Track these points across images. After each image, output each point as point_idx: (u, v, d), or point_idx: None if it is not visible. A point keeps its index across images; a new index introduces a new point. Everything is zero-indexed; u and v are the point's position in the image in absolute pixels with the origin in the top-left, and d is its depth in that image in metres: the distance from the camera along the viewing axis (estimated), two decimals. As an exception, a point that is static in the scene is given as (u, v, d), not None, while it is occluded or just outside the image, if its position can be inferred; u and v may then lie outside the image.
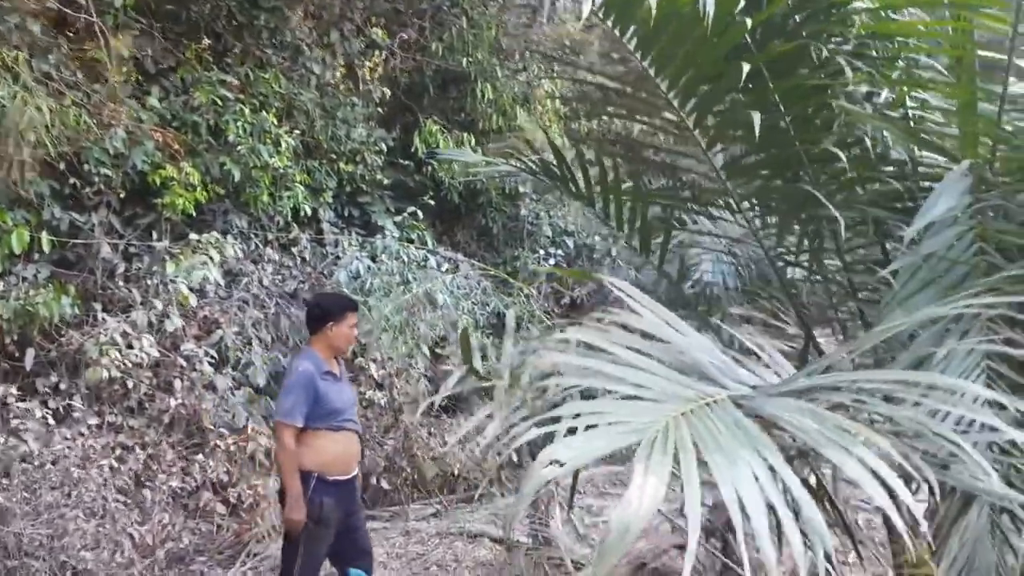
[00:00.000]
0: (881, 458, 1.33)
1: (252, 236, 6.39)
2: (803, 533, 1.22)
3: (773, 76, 2.67)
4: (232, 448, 5.20)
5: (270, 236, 6.66)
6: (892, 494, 1.26)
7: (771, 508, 1.24)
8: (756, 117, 2.11)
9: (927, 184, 2.81)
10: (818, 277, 3.14)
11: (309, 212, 6.70)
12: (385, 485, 6.12)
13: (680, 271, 7.18)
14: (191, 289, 5.33)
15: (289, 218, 6.65)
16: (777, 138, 2.78)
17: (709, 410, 1.42)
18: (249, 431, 5.45)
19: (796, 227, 3.01)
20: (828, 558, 1.22)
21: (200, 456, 5.10)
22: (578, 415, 1.32)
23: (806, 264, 3.14)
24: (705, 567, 4.64)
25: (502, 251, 8.35)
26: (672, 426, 1.31)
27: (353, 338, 4.00)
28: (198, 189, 5.66)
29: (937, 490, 1.51)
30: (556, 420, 1.42)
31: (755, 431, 1.38)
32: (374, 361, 6.42)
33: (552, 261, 8.10)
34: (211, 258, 5.38)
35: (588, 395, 2.15)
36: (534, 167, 3.85)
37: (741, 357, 2.09)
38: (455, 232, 8.36)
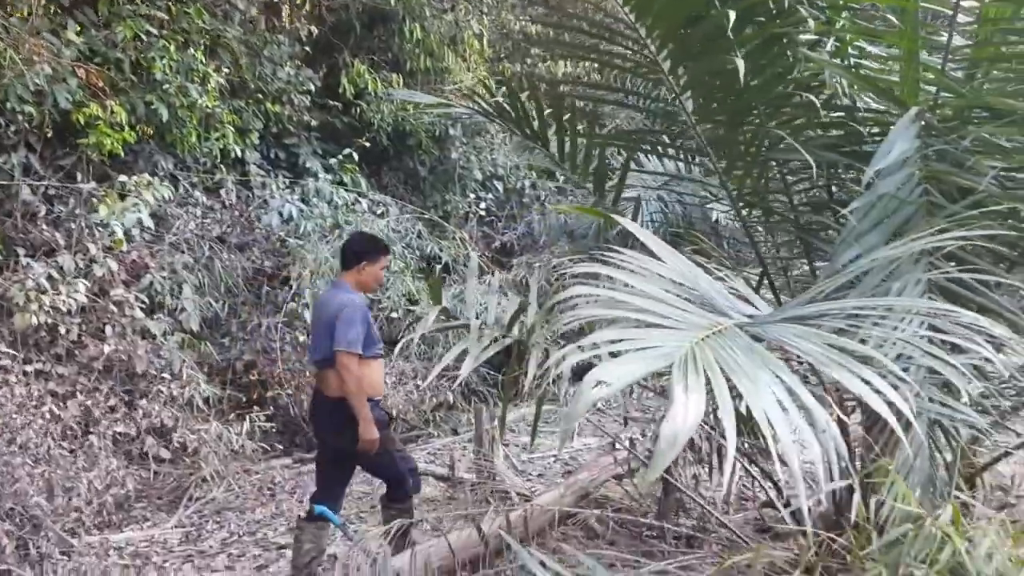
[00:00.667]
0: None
1: (180, 178, 6.21)
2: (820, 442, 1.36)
3: (733, 25, 2.78)
4: (174, 393, 5.13)
5: (195, 179, 6.49)
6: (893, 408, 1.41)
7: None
8: (740, 64, 2.21)
9: (873, 130, 3.00)
10: (772, 217, 3.31)
11: (237, 154, 6.54)
12: (325, 427, 6.14)
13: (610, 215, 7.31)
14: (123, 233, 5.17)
15: (217, 160, 6.49)
16: (736, 84, 2.91)
17: (723, 336, 1.54)
18: (185, 376, 5.39)
19: (754, 170, 3.16)
20: (841, 461, 1.37)
21: (144, 402, 5.02)
22: (611, 342, 1.42)
23: (759, 205, 3.30)
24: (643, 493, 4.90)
25: (430, 195, 8.33)
26: (698, 351, 1.43)
27: (382, 280, 4.10)
28: (125, 129, 5.45)
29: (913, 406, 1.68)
30: (571, 349, 1.51)
31: (766, 354, 1.51)
32: (307, 307, 6.38)
33: (483, 205, 8.14)
34: (144, 201, 5.22)
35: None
36: (489, 109, 3.88)
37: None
38: (382, 175, 8.29)
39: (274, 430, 5.90)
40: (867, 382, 1.45)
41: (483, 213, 8.17)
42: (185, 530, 4.83)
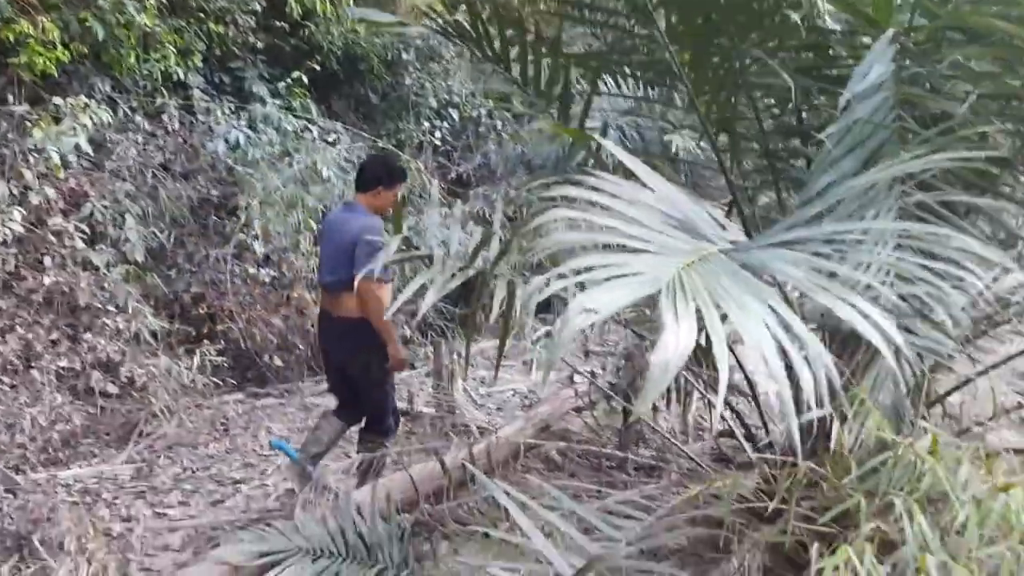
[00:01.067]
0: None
1: (119, 102, 5.90)
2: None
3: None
4: (120, 327, 4.96)
5: (135, 103, 6.18)
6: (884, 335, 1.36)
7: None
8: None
9: (844, 54, 2.92)
10: (741, 144, 3.23)
11: (179, 77, 6.23)
12: (278, 362, 6.03)
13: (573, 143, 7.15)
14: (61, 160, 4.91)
15: (158, 83, 6.18)
16: (709, 2, 2.80)
17: (709, 262, 1.46)
18: (131, 309, 5.20)
19: (723, 95, 3.06)
20: (831, 385, 1.32)
21: (88, 335, 4.84)
22: (590, 268, 1.34)
23: (729, 130, 3.22)
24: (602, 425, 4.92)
25: (382, 123, 8.08)
26: (685, 277, 1.35)
27: (397, 206, 3.98)
28: (58, 48, 5.13)
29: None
30: (561, 276, 1.43)
31: (752, 280, 1.45)
32: (256, 238, 6.18)
33: (438, 134, 7.93)
34: (81, 125, 4.94)
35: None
36: (448, 29, 3.70)
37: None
38: (332, 102, 7.99)
39: (226, 364, 5.77)
40: (856, 308, 1.40)
41: (438, 143, 7.97)
42: (136, 466, 4.72)
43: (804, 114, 3.09)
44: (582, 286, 1.38)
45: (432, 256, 3.04)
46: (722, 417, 4.64)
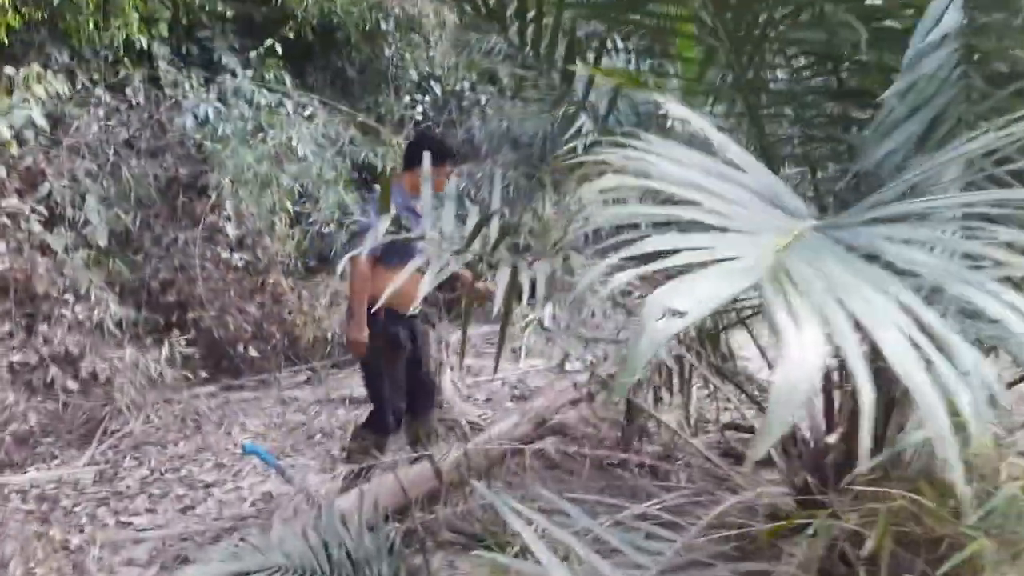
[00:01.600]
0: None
1: (77, 73, 5.47)
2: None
3: None
4: (81, 317, 4.56)
5: (95, 75, 5.75)
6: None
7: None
8: None
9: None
10: (774, 109, 2.89)
11: (143, 47, 5.80)
12: (253, 353, 5.65)
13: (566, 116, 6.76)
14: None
15: (120, 53, 5.74)
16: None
17: (806, 243, 1.13)
18: (93, 297, 4.81)
19: (761, 53, 2.72)
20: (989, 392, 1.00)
21: (45, 327, 4.44)
22: (664, 252, 1.00)
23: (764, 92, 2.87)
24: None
25: (360, 97, 7.65)
26: (788, 263, 1.02)
27: (442, 187, 3.61)
28: (8, 13, 4.69)
29: None
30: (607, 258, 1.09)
31: (865, 266, 1.11)
32: (229, 220, 5.79)
33: (419, 109, 7.54)
34: (35, 97, 4.52)
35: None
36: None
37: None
38: (307, 76, 7.56)
39: (197, 356, 5.39)
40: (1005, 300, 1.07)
41: (419, 118, 7.57)
42: (99, 468, 4.35)
43: (844, 75, 2.75)
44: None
45: (424, 238, 2.68)
46: (736, 408, 4.35)
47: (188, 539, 3.54)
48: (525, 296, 2.58)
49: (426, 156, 3.21)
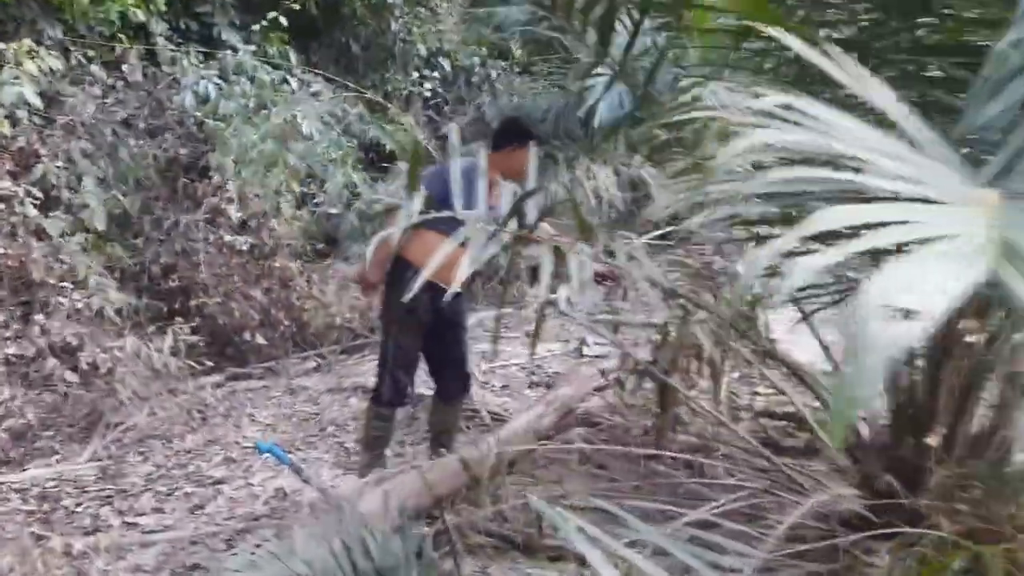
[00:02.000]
0: None
1: (72, 49, 5.20)
2: None
3: None
4: (79, 305, 4.32)
5: (91, 52, 5.48)
6: None
7: None
8: None
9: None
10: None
11: (140, 21, 5.53)
12: (260, 340, 5.41)
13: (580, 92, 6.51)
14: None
15: (116, 29, 5.47)
16: None
17: (1008, 213, 0.89)
18: (92, 284, 4.56)
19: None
20: None
21: (41, 316, 4.20)
22: (854, 229, 0.77)
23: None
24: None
25: (366, 75, 7.38)
26: (1012, 239, 0.79)
27: (519, 171, 3.27)
28: (-4, -17, 4.43)
29: None
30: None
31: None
32: (232, 202, 5.53)
33: (427, 86, 7.27)
34: (27, 74, 4.26)
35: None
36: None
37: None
38: (310, 53, 7.29)
39: (201, 344, 5.15)
40: None
41: (428, 95, 7.30)
42: (102, 464, 4.12)
43: (918, 32, 2.50)
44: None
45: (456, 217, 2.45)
46: (778, 393, 4.15)
47: (199, 542, 3.32)
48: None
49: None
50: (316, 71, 6.69)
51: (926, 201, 0.85)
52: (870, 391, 0.65)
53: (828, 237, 0.81)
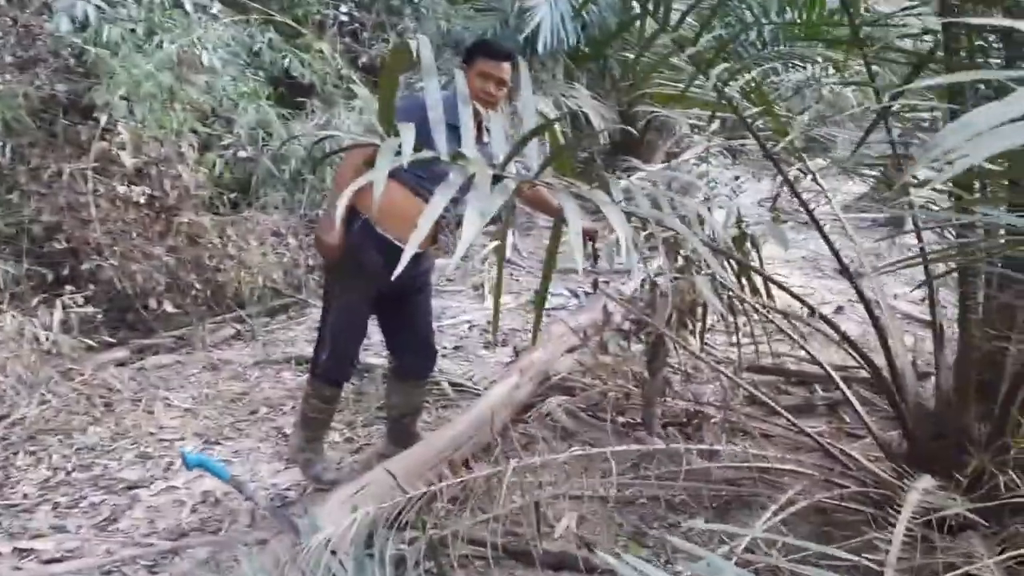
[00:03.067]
0: None
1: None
2: None
3: None
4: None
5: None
6: None
7: None
8: None
9: None
10: None
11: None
12: (169, 307, 4.66)
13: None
14: None
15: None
16: None
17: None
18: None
19: None
20: None
21: None
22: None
23: None
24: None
25: (271, -2, 6.51)
26: None
27: (483, 92, 2.89)
28: None
29: None
30: None
31: None
32: (123, 147, 4.71)
33: (344, 9, 6.46)
34: None
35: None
36: None
37: None
38: (205, -28, 6.36)
39: (98, 316, 4.40)
40: None
41: (345, 19, 6.50)
42: (-17, 471, 3.40)
43: None
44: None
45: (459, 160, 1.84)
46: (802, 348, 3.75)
47: (114, 572, 2.68)
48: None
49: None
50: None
51: None
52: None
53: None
